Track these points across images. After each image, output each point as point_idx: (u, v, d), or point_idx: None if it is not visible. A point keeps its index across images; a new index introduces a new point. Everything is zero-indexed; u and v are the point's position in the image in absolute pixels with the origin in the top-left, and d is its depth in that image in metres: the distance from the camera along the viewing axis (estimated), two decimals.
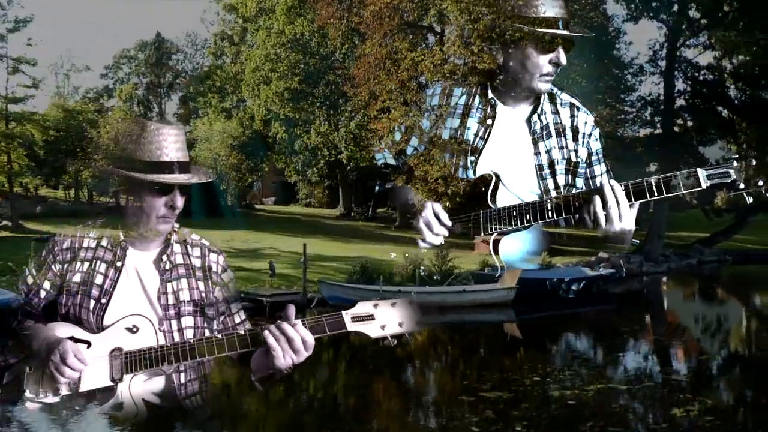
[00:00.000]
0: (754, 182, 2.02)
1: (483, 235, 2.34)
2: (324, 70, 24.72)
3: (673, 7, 22.08)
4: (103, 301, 1.93)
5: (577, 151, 2.49)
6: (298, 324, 1.81)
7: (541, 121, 2.46)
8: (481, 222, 2.34)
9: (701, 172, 2.01)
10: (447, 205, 2.45)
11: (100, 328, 1.90)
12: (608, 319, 14.29)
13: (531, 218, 2.23)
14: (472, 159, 2.46)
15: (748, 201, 2.06)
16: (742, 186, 2.01)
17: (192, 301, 2.00)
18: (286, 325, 1.80)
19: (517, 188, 2.40)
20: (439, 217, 2.40)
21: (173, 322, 1.96)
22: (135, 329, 1.89)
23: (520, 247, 2.43)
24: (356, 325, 1.83)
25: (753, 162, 2.02)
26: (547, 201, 2.21)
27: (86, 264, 1.98)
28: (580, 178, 2.48)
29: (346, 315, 1.84)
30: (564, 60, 2.35)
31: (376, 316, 1.84)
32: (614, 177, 2.38)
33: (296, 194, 33.58)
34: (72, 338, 1.84)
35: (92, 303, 1.94)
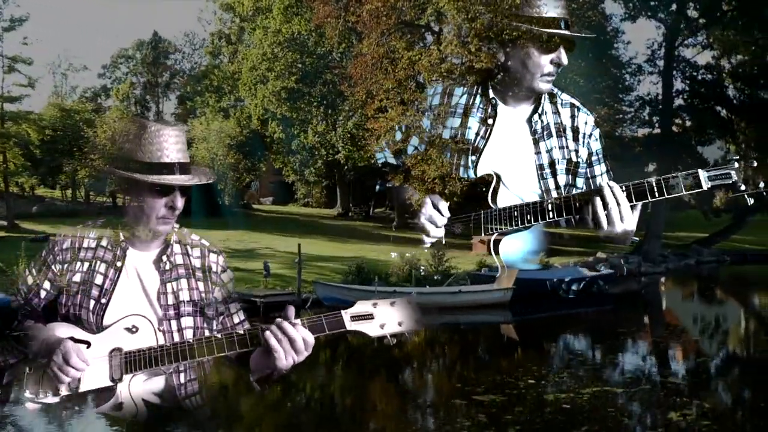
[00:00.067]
0: (755, 183, 2.00)
1: (483, 235, 2.33)
2: (321, 70, 24.70)
3: (671, 6, 22.06)
4: (103, 301, 1.94)
5: (577, 151, 2.49)
6: (299, 324, 1.81)
7: (541, 121, 2.47)
8: (482, 222, 2.33)
9: (702, 174, 2.00)
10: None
11: (100, 328, 1.91)
12: (606, 320, 14.24)
13: (532, 218, 2.22)
14: (473, 159, 2.45)
15: (749, 202, 2.05)
16: (743, 187, 2.00)
17: (192, 302, 2.01)
18: (288, 326, 1.80)
19: (518, 188, 2.40)
20: (439, 209, 2.39)
21: (173, 323, 1.97)
22: (134, 329, 1.90)
23: (521, 247, 2.42)
24: (356, 325, 1.84)
25: (754, 163, 2.00)
26: (548, 201, 2.21)
27: (86, 264, 1.99)
28: (580, 178, 2.48)
29: (346, 314, 1.84)
30: (565, 60, 2.36)
31: (375, 315, 1.84)
32: (613, 177, 2.42)
33: (294, 194, 33.57)
34: (72, 338, 1.84)
35: (92, 303, 1.94)
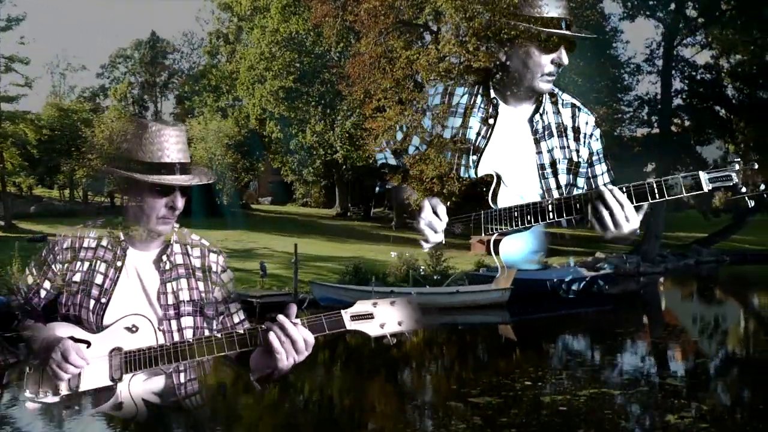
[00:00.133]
0: (755, 184, 2.00)
1: (483, 235, 2.34)
2: (319, 69, 24.64)
3: (670, 5, 22.01)
4: (103, 300, 1.95)
5: (578, 151, 2.51)
6: (299, 324, 1.81)
7: (543, 120, 2.49)
8: (482, 222, 2.34)
9: (703, 176, 2.00)
10: (441, 203, 2.44)
11: (100, 328, 1.91)
12: (604, 321, 14.18)
13: (531, 219, 2.23)
14: (474, 158, 2.47)
15: (750, 205, 2.05)
16: (744, 190, 2.00)
17: (192, 301, 2.01)
18: (289, 326, 1.80)
19: (519, 188, 2.41)
20: (437, 214, 2.39)
21: (173, 322, 1.97)
22: (134, 329, 1.90)
23: (522, 248, 2.44)
24: (355, 324, 1.83)
25: (755, 165, 2.00)
26: (548, 202, 2.22)
27: (86, 264, 2.00)
28: (581, 178, 2.51)
29: (345, 314, 1.84)
30: (566, 60, 2.37)
31: (375, 315, 1.83)
32: (613, 176, 2.50)
33: (293, 194, 33.51)
34: (72, 338, 1.84)
35: (92, 303, 1.95)
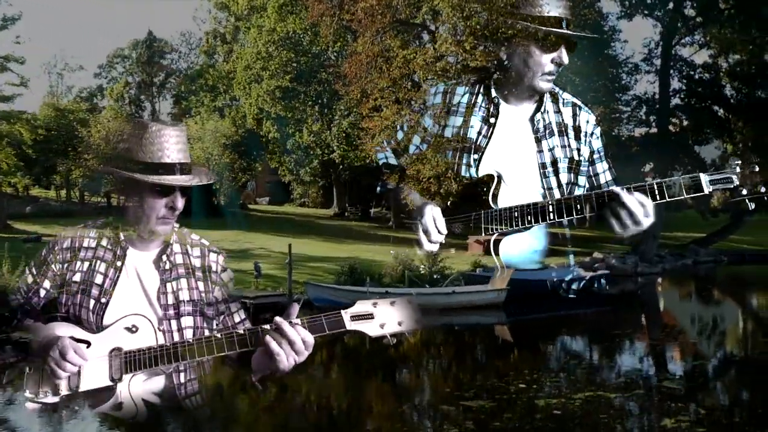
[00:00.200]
0: (755, 185, 2.00)
1: (483, 235, 2.34)
2: (316, 69, 24.58)
3: (668, 4, 21.98)
4: (103, 300, 1.95)
5: (579, 150, 2.53)
6: (299, 325, 1.80)
7: (544, 119, 2.50)
8: (482, 222, 2.34)
9: (704, 177, 2.01)
10: (440, 205, 2.45)
11: (100, 328, 1.91)
12: (600, 322, 14.07)
13: (532, 219, 2.24)
14: (476, 157, 2.48)
15: (750, 207, 2.05)
16: (745, 192, 2.00)
17: (192, 301, 2.01)
18: (287, 328, 1.79)
19: (520, 186, 2.42)
20: (436, 224, 2.39)
21: (173, 322, 1.97)
22: (134, 329, 1.91)
23: (523, 247, 2.45)
24: (355, 324, 1.83)
25: (756, 168, 2.01)
26: (548, 202, 2.23)
27: (86, 264, 2.00)
28: (582, 176, 2.53)
29: (345, 314, 1.83)
30: (566, 59, 2.39)
31: (375, 315, 1.83)
32: (615, 174, 2.53)
33: (291, 194, 33.41)
34: (72, 338, 1.85)
35: (92, 302, 1.95)
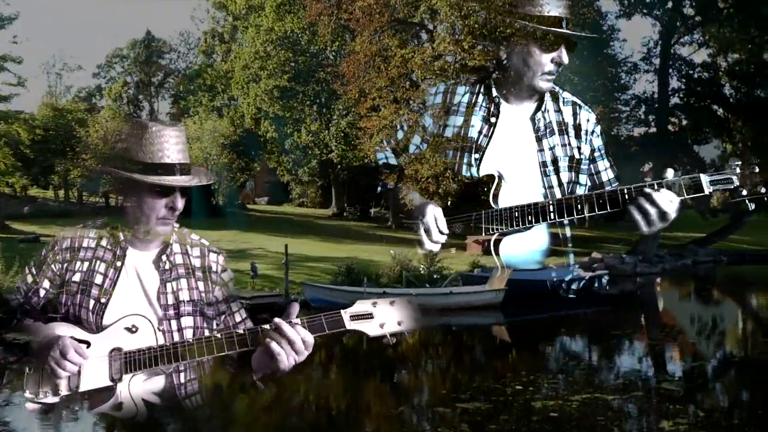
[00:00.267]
0: (754, 185, 2.00)
1: (483, 235, 2.34)
2: (314, 68, 24.52)
3: (667, 3, 21.95)
4: (103, 300, 1.95)
5: (579, 148, 2.54)
6: (298, 324, 1.81)
7: (544, 118, 2.50)
8: (483, 222, 2.34)
9: (704, 178, 2.01)
10: (439, 205, 2.45)
11: (100, 328, 1.92)
12: (598, 322, 14.00)
13: (533, 219, 2.24)
14: (476, 156, 2.49)
15: (750, 207, 2.04)
16: (745, 192, 2.00)
17: (192, 301, 2.01)
18: (287, 329, 1.79)
19: (521, 185, 2.42)
20: (437, 224, 2.38)
21: (173, 322, 1.97)
22: (134, 329, 1.91)
23: (524, 247, 2.45)
24: (355, 324, 1.83)
25: (756, 169, 2.00)
26: (549, 203, 2.23)
27: (86, 264, 2.00)
28: (583, 175, 2.54)
29: (345, 314, 1.84)
30: (566, 59, 2.39)
31: (374, 315, 1.83)
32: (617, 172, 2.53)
33: (290, 194, 33.35)
34: (72, 338, 1.84)
35: (92, 303, 1.95)
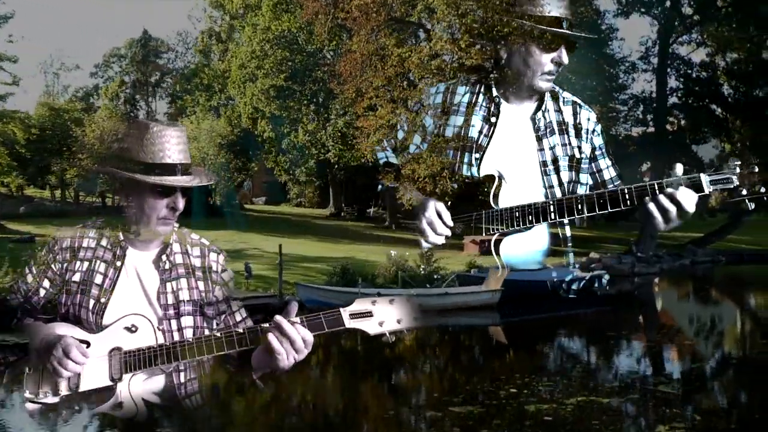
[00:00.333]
0: (754, 185, 1.99)
1: (483, 235, 2.33)
2: (311, 67, 24.46)
3: (665, 2, 21.94)
4: (103, 300, 1.95)
5: (580, 148, 2.54)
6: (298, 323, 1.82)
7: (545, 118, 2.50)
8: (483, 222, 2.33)
9: (704, 178, 2.00)
10: None
11: (100, 328, 1.92)
12: (595, 323, 13.92)
13: (533, 219, 2.23)
14: (477, 156, 2.48)
15: (750, 207, 2.03)
16: (744, 192, 1.99)
17: (192, 301, 2.02)
18: (287, 327, 1.80)
19: (521, 184, 2.42)
20: (441, 217, 2.37)
21: (173, 322, 1.98)
22: (134, 329, 1.91)
23: (526, 248, 2.45)
24: (354, 322, 1.84)
25: (755, 169, 1.99)
26: (549, 203, 2.23)
27: (86, 263, 2.00)
28: (584, 174, 2.54)
29: (345, 312, 1.84)
30: (566, 59, 2.38)
31: (374, 313, 1.84)
32: (618, 170, 2.59)
33: (287, 194, 33.30)
34: (73, 338, 1.84)
35: (92, 302, 1.95)
